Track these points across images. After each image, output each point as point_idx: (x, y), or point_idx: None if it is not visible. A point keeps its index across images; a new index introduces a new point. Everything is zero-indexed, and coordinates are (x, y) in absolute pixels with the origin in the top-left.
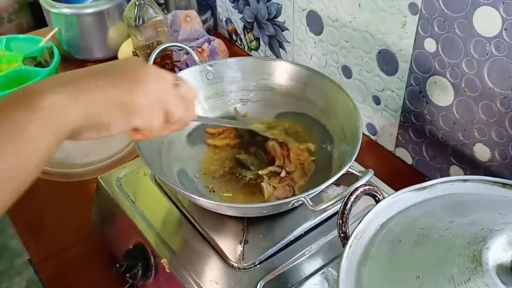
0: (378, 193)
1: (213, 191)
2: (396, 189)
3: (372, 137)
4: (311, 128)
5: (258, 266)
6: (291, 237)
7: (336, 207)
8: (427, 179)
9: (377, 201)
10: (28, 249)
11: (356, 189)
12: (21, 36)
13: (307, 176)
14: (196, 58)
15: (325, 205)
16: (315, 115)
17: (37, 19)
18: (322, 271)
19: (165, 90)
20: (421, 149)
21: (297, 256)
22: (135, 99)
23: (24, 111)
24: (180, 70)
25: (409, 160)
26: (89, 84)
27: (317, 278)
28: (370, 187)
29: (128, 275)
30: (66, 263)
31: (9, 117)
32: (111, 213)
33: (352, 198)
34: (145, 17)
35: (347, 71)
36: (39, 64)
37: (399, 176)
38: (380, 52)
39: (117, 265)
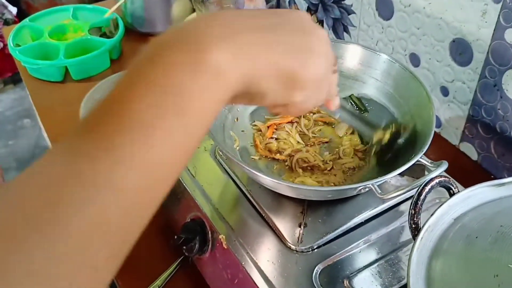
0: (453, 186)
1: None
2: (459, 184)
3: (435, 129)
4: (379, 114)
5: (316, 250)
6: (351, 224)
7: (398, 198)
8: (492, 177)
9: (451, 194)
10: None
11: (431, 179)
12: (88, 6)
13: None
14: None
15: (394, 194)
16: (383, 102)
17: None
18: (380, 262)
19: (327, 73)
20: (489, 145)
21: (355, 244)
22: (305, 74)
23: (188, 72)
24: None
25: (474, 155)
26: (253, 39)
27: (375, 268)
28: (446, 178)
29: (184, 247)
30: None
31: (171, 79)
32: None
33: (427, 189)
34: None
35: (415, 59)
36: (104, 35)
37: (462, 171)
38: (454, 41)
39: (175, 237)
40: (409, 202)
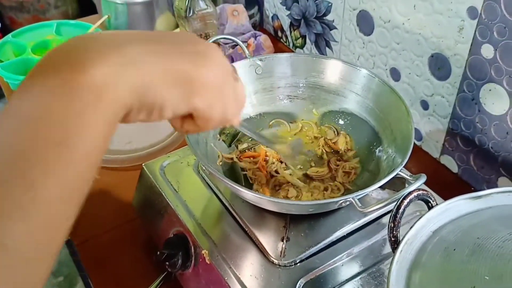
0: (431, 199)
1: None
2: (440, 196)
3: (416, 142)
4: (360, 129)
5: (298, 264)
6: (333, 237)
7: (380, 212)
8: (472, 189)
9: (430, 207)
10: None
11: (410, 193)
12: (71, 21)
13: (353, 177)
14: (246, 51)
15: (375, 207)
16: (364, 116)
17: (83, 7)
18: (362, 275)
19: (228, 78)
20: (469, 158)
21: (338, 257)
22: (201, 75)
23: (62, 96)
24: None
25: (454, 168)
26: (140, 50)
27: (357, 281)
28: (424, 192)
29: (167, 263)
30: (105, 246)
31: (50, 114)
32: (154, 200)
33: (405, 202)
34: (195, 8)
35: (395, 74)
36: None
37: (443, 184)
38: (432, 56)
39: (158, 253)
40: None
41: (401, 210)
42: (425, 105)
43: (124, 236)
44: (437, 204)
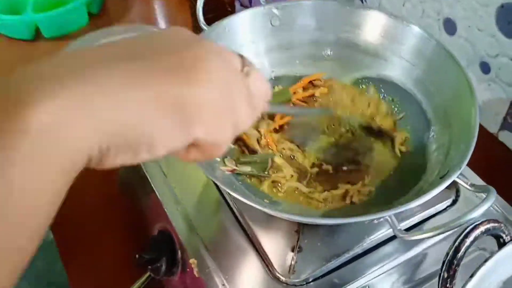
0: (505, 233)
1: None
2: (491, 182)
3: None
4: (402, 105)
5: (312, 283)
6: (358, 249)
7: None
8: None
9: (501, 245)
10: None
11: (475, 227)
12: None
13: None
14: None
15: (422, 236)
16: (408, 88)
17: None
18: None
19: (234, 82)
20: None
21: (365, 275)
22: (195, 95)
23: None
24: (241, 5)
25: None
26: (113, 75)
27: None
28: (496, 224)
29: (150, 267)
30: (85, 231)
31: None
32: (138, 184)
33: (467, 241)
34: None
35: (450, 26)
36: None
37: (499, 165)
38: (503, 7)
39: (137, 256)
40: (432, 220)
41: (460, 254)
42: (485, 68)
43: (108, 218)
44: (510, 241)
